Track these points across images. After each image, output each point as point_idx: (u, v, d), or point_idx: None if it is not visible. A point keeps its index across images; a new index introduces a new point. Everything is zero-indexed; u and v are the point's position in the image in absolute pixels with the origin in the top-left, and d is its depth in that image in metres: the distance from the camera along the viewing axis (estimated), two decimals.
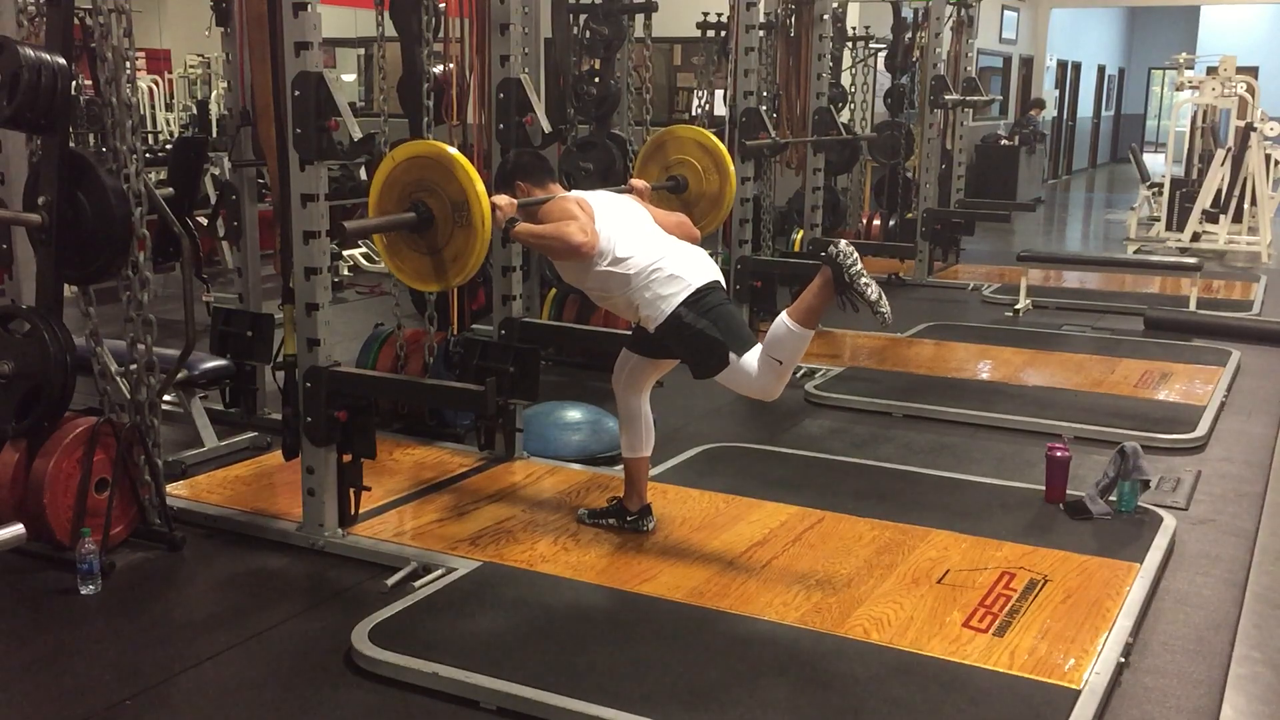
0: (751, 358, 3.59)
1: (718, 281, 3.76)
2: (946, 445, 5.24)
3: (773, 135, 6.65)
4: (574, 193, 3.93)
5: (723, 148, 4.97)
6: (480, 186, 3.58)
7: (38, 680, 3.14)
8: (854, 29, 10.01)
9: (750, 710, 2.92)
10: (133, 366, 3.98)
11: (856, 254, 3.47)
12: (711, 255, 3.86)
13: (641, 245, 3.73)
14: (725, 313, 3.67)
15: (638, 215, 3.89)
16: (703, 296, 3.66)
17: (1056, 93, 19.42)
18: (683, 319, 3.63)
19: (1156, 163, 15.68)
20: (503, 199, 3.71)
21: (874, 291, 3.47)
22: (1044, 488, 4.38)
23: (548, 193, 3.92)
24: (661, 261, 3.69)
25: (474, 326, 5.76)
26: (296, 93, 3.60)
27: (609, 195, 4.01)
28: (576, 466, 4.72)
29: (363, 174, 8.83)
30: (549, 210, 3.81)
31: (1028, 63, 17.96)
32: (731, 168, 4.98)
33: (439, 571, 3.69)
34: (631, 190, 4.25)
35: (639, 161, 5.19)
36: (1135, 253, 11.24)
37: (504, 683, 3.00)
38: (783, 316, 3.54)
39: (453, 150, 3.66)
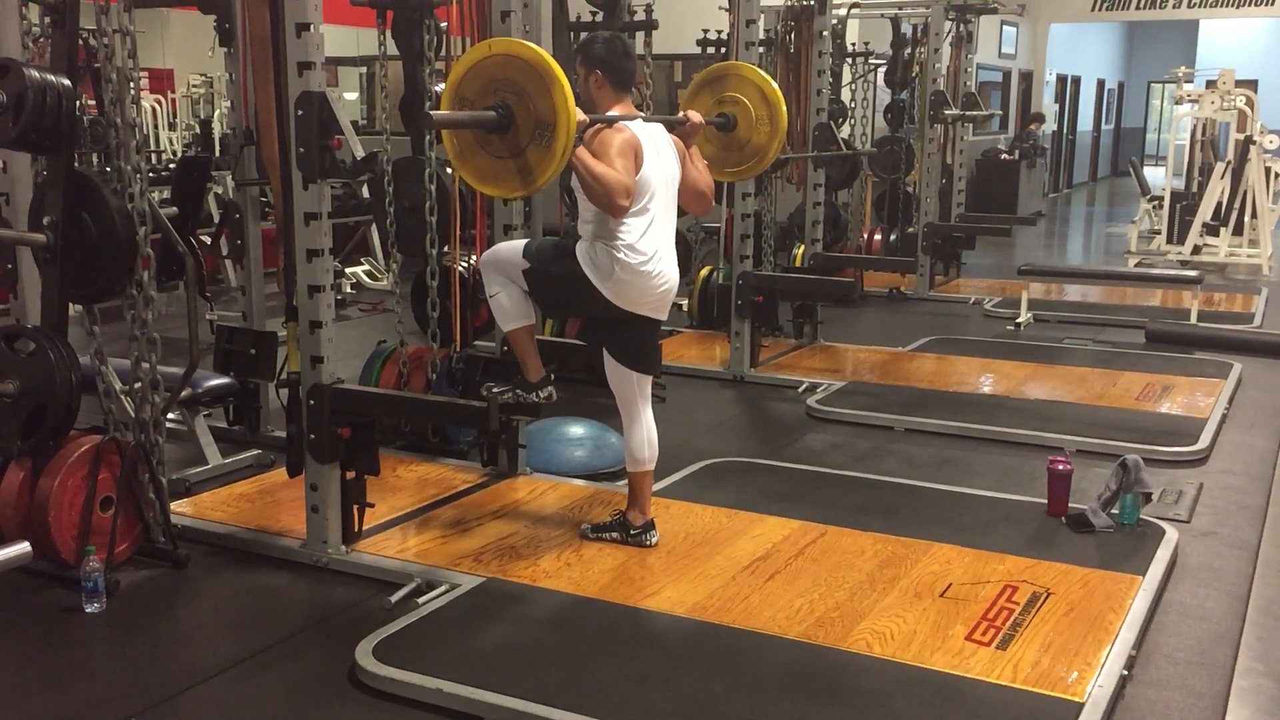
0: (507, 287, 3.95)
1: (631, 315, 3.87)
2: (948, 459, 5.25)
3: None
4: (635, 126, 3.77)
5: (782, 103, 4.77)
6: (574, 115, 3.39)
7: (43, 698, 3.14)
8: (853, 45, 10.05)
9: None
10: (137, 385, 3.99)
11: (543, 402, 4.09)
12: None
13: (648, 236, 3.78)
14: (568, 291, 3.88)
15: (671, 184, 3.90)
16: (616, 318, 3.85)
17: (1056, 107, 19.46)
18: (573, 273, 3.82)
19: (1156, 176, 15.71)
20: (578, 114, 3.47)
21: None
22: (1046, 501, 4.38)
23: (619, 107, 3.83)
24: (636, 266, 3.75)
25: (476, 343, 5.77)
26: (299, 112, 3.62)
27: (659, 144, 3.87)
28: (579, 482, 4.73)
29: (365, 192, 8.87)
30: (605, 142, 3.67)
31: (1027, 77, 18.01)
32: (784, 126, 4.76)
33: (443, 588, 3.70)
34: (686, 123, 4.10)
35: (693, 86, 4.90)
36: (1136, 266, 11.24)
37: (508, 698, 3.01)
38: (505, 329, 4.04)
39: (557, 65, 3.43)
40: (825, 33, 7.73)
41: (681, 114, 4.17)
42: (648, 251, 3.78)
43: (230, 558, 4.07)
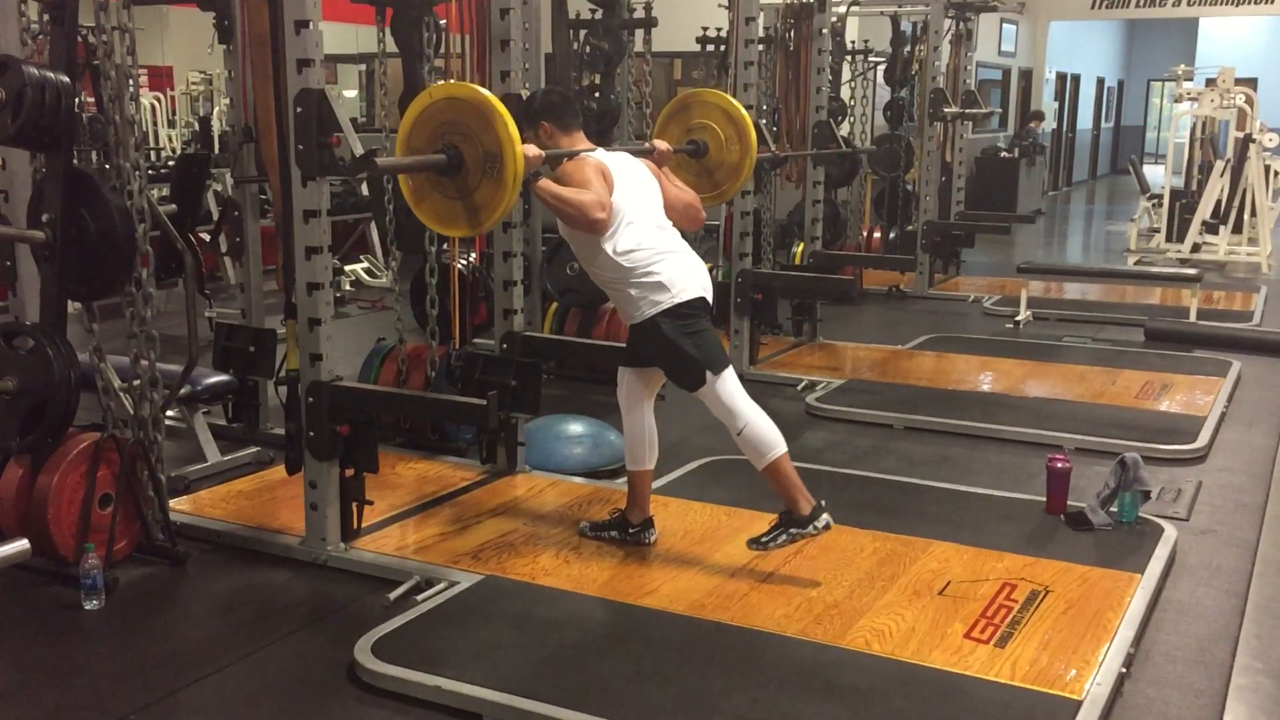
0: (729, 384, 3.73)
1: (704, 299, 3.80)
2: (947, 457, 5.25)
3: (772, 149, 6.67)
4: (597, 153, 3.84)
5: (747, 118, 4.83)
6: (518, 142, 3.46)
7: (42, 695, 3.15)
8: (853, 42, 10.05)
9: None
10: (136, 382, 4.00)
11: (822, 532, 3.77)
12: (712, 269, 3.93)
13: (647, 240, 3.75)
14: (702, 334, 3.74)
15: (651, 198, 3.88)
16: (685, 314, 3.71)
17: (1056, 105, 19.46)
18: (661, 329, 3.69)
19: (1156, 174, 15.71)
20: (531, 149, 3.57)
21: (779, 547, 3.82)
22: (1045, 499, 4.39)
23: (572, 141, 3.88)
24: (659, 264, 3.72)
25: (475, 341, 5.77)
26: (298, 109, 3.62)
27: (629, 164, 3.92)
28: (578, 480, 4.73)
29: (364, 190, 8.87)
30: (570, 171, 3.74)
31: (1027, 75, 18.00)
32: (754, 139, 4.82)
33: (441, 585, 3.71)
34: (654, 151, 4.16)
35: (661, 119, 5.00)
36: (1135, 264, 11.25)
37: (506, 695, 3.01)
38: (765, 461, 3.73)
39: (494, 99, 3.52)
40: (825, 30, 7.72)
41: (648, 144, 4.23)
42: (656, 246, 3.76)
43: (229, 555, 4.07)
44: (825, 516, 3.76)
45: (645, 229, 3.77)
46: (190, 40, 12.40)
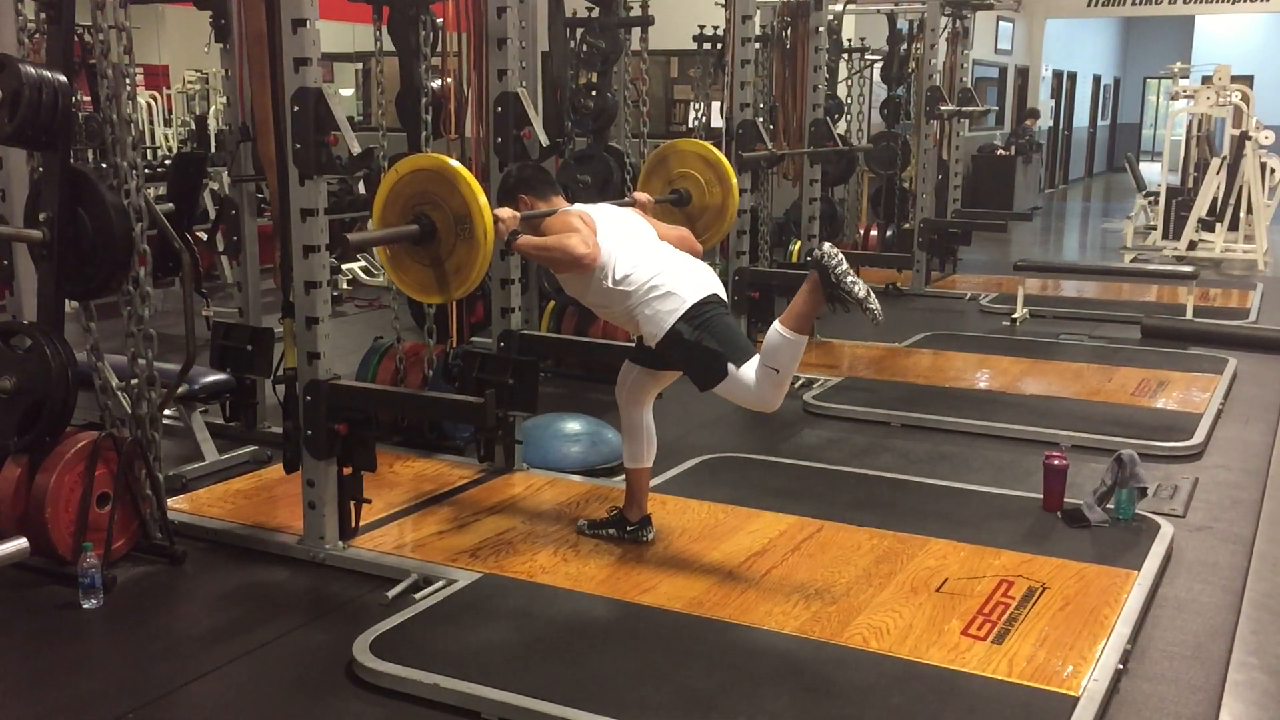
0: (750, 369, 3.60)
1: (716, 295, 3.77)
2: (944, 454, 5.25)
3: (769, 147, 6.67)
4: (577, 206, 3.95)
5: (725, 161, 5.00)
6: (483, 199, 3.62)
7: (40, 694, 3.15)
8: (849, 41, 10.06)
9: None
10: (133, 381, 3.99)
11: (840, 254, 3.48)
12: (710, 266, 3.91)
13: (641, 261, 3.75)
14: (723, 324, 3.69)
15: (639, 229, 3.91)
16: (700, 311, 3.68)
17: (1052, 103, 19.47)
18: (682, 335, 3.66)
19: (1152, 172, 15.72)
20: (505, 211, 3.75)
21: (861, 289, 3.49)
22: (1042, 496, 4.39)
23: (550, 205, 3.96)
24: (660, 278, 3.71)
25: (473, 339, 5.78)
26: (295, 108, 3.62)
27: (611, 209, 4.02)
28: (576, 478, 4.74)
29: (361, 188, 8.87)
30: (551, 223, 3.83)
31: (1023, 73, 18.01)
32: (734, 180, 4.98)
33: (439, 583, 3.71)
34: (634, 204, 4.29)
35: (642, 175, 5.19)
36: (1132, 261, 11.25)
37: (505, 693, 3.01)
38: (776, 325, 3.55)
39: (455, 163, 3.69)
40: (821, 28, 7.72)
41: (629, 199, 4.36)
42: (652, 263, 3.75)
43: (227, 554, 4.07)
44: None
45: (637, 254, 3.77)
46: (187, 39, 12.41)
